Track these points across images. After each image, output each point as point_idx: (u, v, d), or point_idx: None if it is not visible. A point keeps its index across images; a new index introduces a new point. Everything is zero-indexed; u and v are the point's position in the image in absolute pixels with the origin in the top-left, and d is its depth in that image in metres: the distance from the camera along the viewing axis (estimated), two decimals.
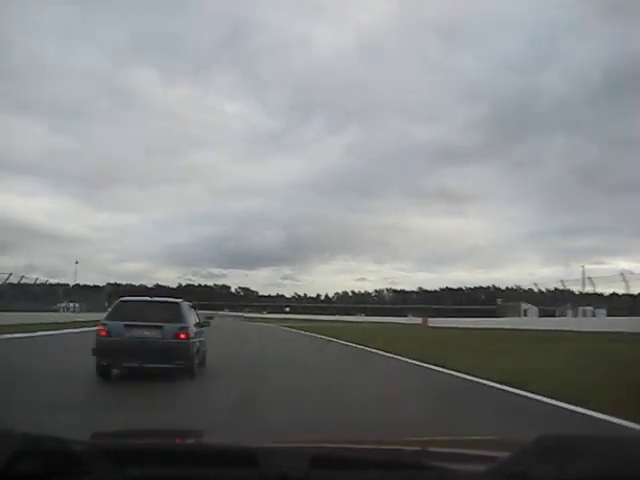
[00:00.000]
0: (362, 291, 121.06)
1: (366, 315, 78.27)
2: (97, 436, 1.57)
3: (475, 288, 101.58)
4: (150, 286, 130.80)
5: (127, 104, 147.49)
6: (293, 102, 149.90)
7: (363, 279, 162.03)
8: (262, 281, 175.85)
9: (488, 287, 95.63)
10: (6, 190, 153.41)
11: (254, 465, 1.10)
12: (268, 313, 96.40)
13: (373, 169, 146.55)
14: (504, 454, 1.11)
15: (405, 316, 67.44)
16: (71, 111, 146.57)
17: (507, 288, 68.25)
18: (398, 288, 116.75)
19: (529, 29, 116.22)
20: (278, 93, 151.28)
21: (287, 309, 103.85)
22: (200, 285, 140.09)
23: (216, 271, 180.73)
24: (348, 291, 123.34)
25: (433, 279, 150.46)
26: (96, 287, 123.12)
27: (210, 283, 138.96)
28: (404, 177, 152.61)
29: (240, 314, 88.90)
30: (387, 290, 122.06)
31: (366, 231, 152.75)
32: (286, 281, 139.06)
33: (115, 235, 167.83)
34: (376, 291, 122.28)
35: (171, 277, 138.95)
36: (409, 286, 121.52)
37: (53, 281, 50.01)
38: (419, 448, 1.57)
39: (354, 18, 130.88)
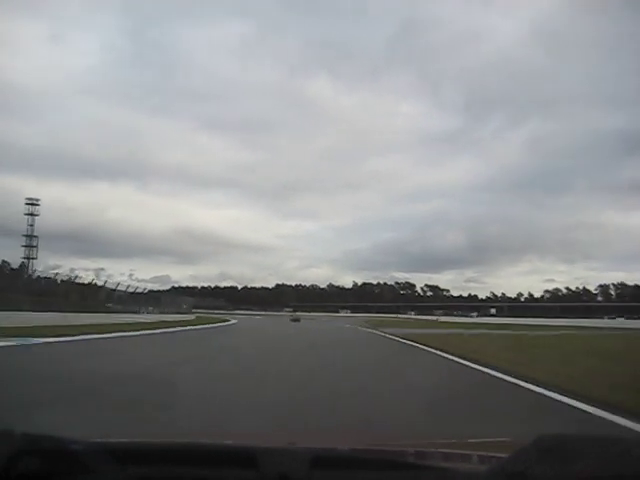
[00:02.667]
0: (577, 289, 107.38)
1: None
2: (97, 436, 1.56)
3: None
4: (323, 286, 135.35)
5: (304, 114, 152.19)
6: (469, 99, 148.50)
7: (551, 280, 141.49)
8: (445, 285, 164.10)
9: None
10: (200, 203, 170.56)
11: (254, 465, 1.10)
12: (475, 316, 79.66)
13: (557, 164, 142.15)
14: (504, 454, 1.11)
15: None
16: (253, 124, 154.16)
17: None
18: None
19: None
20: (453, 91, 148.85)
21: (492, 310, 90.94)
22: (379, 284, 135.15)
23: (399, 275, 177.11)
24: (537, 293, 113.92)
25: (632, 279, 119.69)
26: (265, 288, 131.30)
27: (391, 282, 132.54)
28: (591, 170, 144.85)
29: (431, 317, 72.62)
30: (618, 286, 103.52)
31: (552, 230, 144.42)
32: (470, 284, 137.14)
33: (299, 242, 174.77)
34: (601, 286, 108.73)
35: (348, 285, 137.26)
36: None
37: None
38: (419, 448, 1.57)
39: (527, 4, 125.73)
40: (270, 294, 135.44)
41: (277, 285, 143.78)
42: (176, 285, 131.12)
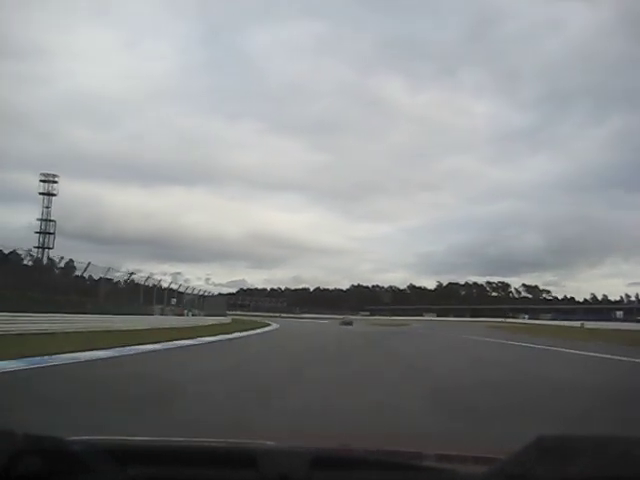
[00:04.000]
0: None
1: None
2: (97, 436, 1.56)
3: None
4: (402, 287, 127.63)
5: (378, 114, 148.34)
6: (547, 93, 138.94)
7: (637, 283, 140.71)
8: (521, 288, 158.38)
9: None
10: (273, 207, 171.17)
11: (254, 466, 1.10)
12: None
13: None
14: (504, 454, 1.11)
15: None
16: (324, 126, 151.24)
17: None
18: None
19: None
20: (529, 85, 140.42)
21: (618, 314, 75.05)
22: (467, 284, 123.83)
23: (474, 279, 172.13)
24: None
25: None
26: (339, 289, 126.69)
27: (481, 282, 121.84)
28: None
29: (569, 323, 58.73)
30: None
31: (638, 230, 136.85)
32: (549, 287, 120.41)
33: (372, 245, 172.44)
34: None
35: (430, 286, 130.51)
36: None
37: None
38: (419, 449, 1.57)
39: None
40: (344, 296, 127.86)
41: (352, 286, 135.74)
42: (251, 287, 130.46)
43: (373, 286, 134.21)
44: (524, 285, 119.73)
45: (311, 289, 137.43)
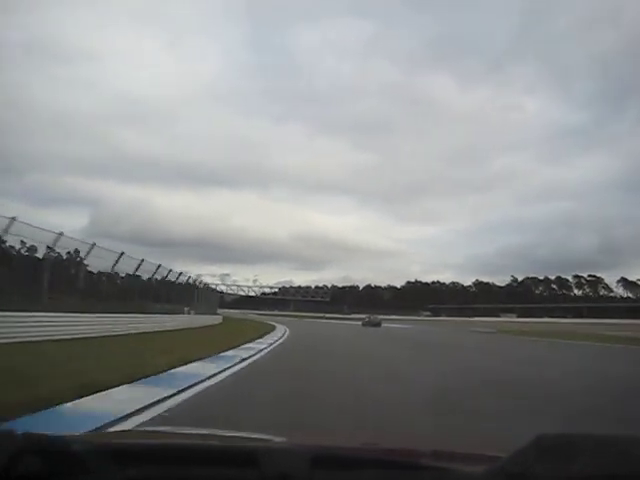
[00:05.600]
0: None
1: None
2: (97, 436, 1.56)
3: None
4: (467, 284, 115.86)
5: (425, 113, 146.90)
6: (603, 88, 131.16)
7: None
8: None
9: None
10: (320, 208, 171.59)
11: (254, 465, 1.10)
12: None
13: None
14: (504, 454, 1.11)
15: None
16: (370, 126, 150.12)
17: None
18: None
19: None
20: (583, 81, 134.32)
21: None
22: (547, 279, 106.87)
23: (556, 273, 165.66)
24: None
25: None
26: (392, 287, 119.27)
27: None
28: None
29: None
30: None
31: None
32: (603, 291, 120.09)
33: (421, 247, 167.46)
34: None
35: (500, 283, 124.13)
36: None
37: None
38: (419, 448, 1.57)
39: None
40: (399, 294, 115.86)
41: (408, 283, 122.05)
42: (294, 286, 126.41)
43: (433, 282, 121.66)
44: (623, 279, 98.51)
45: (360, 287, 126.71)
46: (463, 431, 5.21)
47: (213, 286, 42.09)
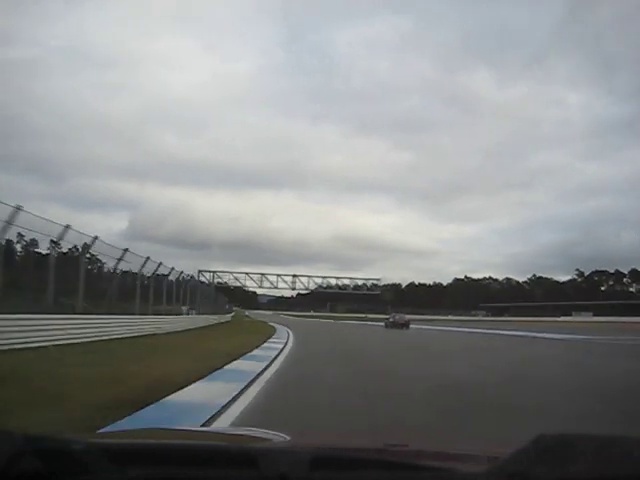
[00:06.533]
0: None
1: None
2: (97, 436, 1.56)
3: None
4: (523, 279, 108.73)
5: (464, 110, 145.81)
6: None
7: None
8: None
9: None
10: (359, 208, 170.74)
11: (253, 465, 1.10)
12: None
13: None
14: (504, 454, 1.11)
15: None
16: (408, 124, 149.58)
17: None
18: None
19: None
20: (628, 72, 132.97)
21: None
22: (618, 272, 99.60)
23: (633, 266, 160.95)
24: None
25: None
26: (438, 284, 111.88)
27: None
28: None
29: None
30: None
31: None
32: None
33: (460, 246, 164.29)
34: None
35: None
36: None
37: None
38: (419, 448, 1.57)
39: None
40: (446, 292, 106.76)
41: (456, 279, 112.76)
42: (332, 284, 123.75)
43: (485, 278, 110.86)
44: None
45: (403, 285, 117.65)
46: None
47: (250, 288, 41.19)
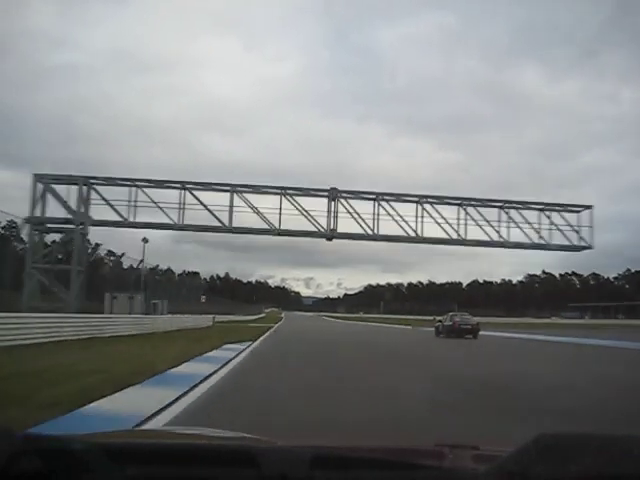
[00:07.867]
0: None
1: None
2: (97, 436, 1.56)
3: None
4: (586, 274, 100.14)
5: (513, 107, 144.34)
6: None
7: None
8: None
9: None
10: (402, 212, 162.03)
11: (254, 465, 1.10)
12: None
13: None
14: (503, 453, 1.11)
15: None
16: (455, 123, 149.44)
17: None
18: None
19: None
20: None
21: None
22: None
23: None
24: None
25: None
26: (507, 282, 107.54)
27: None
28: None
29: None
30: None
31: None
32: None
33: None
34: None
35: None
36: None
37: None
38: (419, 448, 1.58)
39: None
40: (518, 291, 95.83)
41: (527, 276, 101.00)
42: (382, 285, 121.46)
43: (567, 274, 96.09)
44: None
45: (464, 284, 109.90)
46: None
47: (295, 290, 40.65)
